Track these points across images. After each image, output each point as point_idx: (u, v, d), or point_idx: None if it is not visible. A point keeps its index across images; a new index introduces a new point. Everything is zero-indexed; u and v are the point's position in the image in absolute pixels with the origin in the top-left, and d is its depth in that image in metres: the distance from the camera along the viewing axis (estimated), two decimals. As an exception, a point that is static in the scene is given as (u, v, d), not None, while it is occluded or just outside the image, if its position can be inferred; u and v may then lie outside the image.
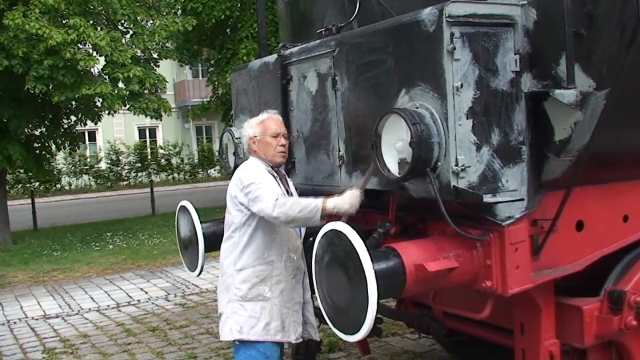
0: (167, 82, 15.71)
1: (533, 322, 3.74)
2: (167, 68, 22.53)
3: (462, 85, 3.17)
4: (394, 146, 3.36)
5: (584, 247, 3.71)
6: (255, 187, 3.77)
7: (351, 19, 4.33)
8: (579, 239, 3.69)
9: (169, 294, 9.23)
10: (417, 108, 3.28)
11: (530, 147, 3.40)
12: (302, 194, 4.15)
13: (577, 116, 3.28)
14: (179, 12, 17.65)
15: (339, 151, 3.99)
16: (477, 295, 3.58)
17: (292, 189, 4.10)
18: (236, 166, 4.22)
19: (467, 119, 3.20)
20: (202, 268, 4.45)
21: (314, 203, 3.62)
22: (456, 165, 3.18)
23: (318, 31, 4.47)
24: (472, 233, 3.34)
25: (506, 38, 3.31)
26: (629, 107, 3.45)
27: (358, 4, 4.32)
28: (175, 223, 4.72)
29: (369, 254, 3.02)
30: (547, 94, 3.31)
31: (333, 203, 3.63)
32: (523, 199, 3.37)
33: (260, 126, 4.00)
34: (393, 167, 3.41)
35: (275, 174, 3.96)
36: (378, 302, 2.99)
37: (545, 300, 3.71)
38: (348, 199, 3.64)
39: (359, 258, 3.01)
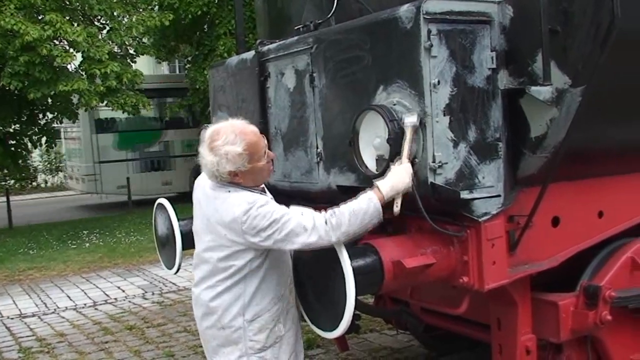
0: (143, 78, 15.61)
1: (510, 318, 3.78)
2: (144, 64, 22.33)
3: (439, 82, 3.19)
4: (372, 143, 3.37)
5: (559, 242, 3.75)
6: (280, 226, 2.99)
7: (329, 16, 4.33)
8: (555, 234, 3.72)
9: (146, 292, 9.18)
10: (394, 105, 3.29)
11: (506, 143, 3.42)
12: (279, 191, 4.14)
13: (553, 113, 3.31)
14: (156, 8, 17.53)
15: (317, 148, 3.99)
16: (454, 291, 3.60)
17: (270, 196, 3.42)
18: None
19: (444, 115, 3.22)
20: (179, 266, 4.43)
21: (371, 203, 3.07)
22: (433, 161, 3.19)
23: (296, 28, 4.47)
24: (449, 229, 3.36)
25: (483, 35, 3.33)
26: (604, 103, 3.49)
27: (336, 1, 4.32)
28: (153, 221, 4.69)
29: (347, 250, 3.02)
30: (523, 91, 3.34)
31: (389, 186, 3.12)
32: (499, 195, 3.39)
33: (243, 157, 3.09)
34: (371, 163, 3.42)
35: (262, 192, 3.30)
36: (356, 299, 2.99)
37: (522, 295, 3.74)
38: (405, 173, 3.14)
39: (337, 255, 3.01)
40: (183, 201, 7.83)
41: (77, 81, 13.36)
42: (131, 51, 16.04)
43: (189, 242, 4.32)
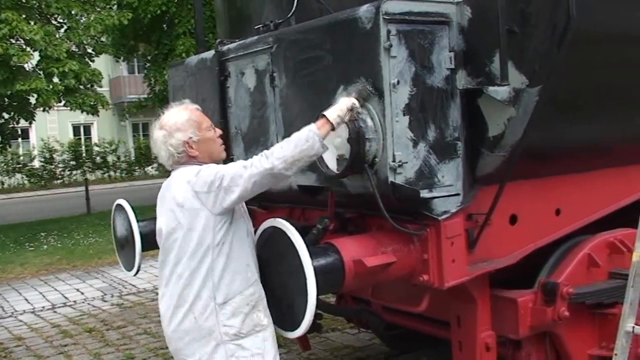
0: (102, 77, 15.44)
1: (469, 315, 3.82)
2: (102, 64, 22.07)
3: (398, 82, 3.21)
4: (333, 143, 3.37)
5: (517, 240, 3.80)
6: (222, 172, 3.06)
7: (289, 16, 4.33)
8: (513, 232, 3.78)
9: (105, 295, 9.08)
10: (360, 115, 3.29)
11: (465, 143, 3.46)
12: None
13: (511, 112, 3.35)
14: (115, 6, 17.34)
15: (278, 148, 3.98)
16: (415, 289, 3.63)
17: None
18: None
19: (404, 115, 3.24)
20: (139, 267, 4.38)
21: (305, 129, 3.07)
22: (393, 161, 3.21)
23: (256, 27, 4.45)
24: (409, 228, 3.38)
25: (441, 36, 3.36)
26: (561, 103, 3.54)
27: (296, 0, 4.32)
28: (111, 222, 4.64)
29: (308, 250, 3.02)
30: (481, 91, 3.38)
31: (331, 110, 3.15)
32: (459, 193, 3.43)
33: (191, 124, 3.21)
34: (331, 163, 3.42)
35: None
36: (317, 298, 3.00)
37: (481, 292, 3.79)
38: (346, 98, 3.21)
39: (298, 254, 3.01)
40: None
41: (34, 80, 13.15)
42: (90, 50, 15.85)
43: (148, 243, 4.29)
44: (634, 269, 3.39)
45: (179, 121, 3.21)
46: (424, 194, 3.29)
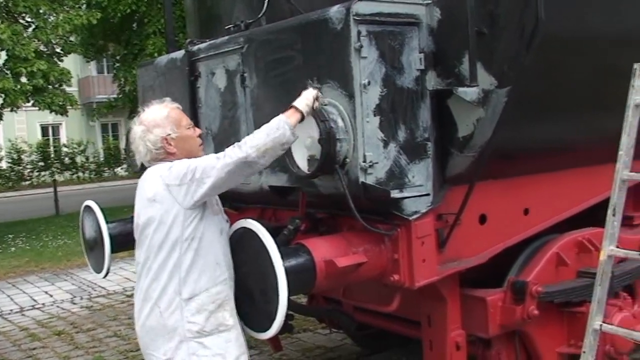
0: (71, 77, 15.28)
1: (439, 314, 3.84)
2: (71, 64, 21.82)
3: (369, 82, 3.22)
4: (303, 143, 3.37)
5: (487, 239, 3.83)
6: (194, 165, 3.05)
7: (259, 16, 4.32)
8: (482, 232, 3.81)
9: (74, 297, 8.98)
10: (325, 105, 3.30)
11: (435, 143, 3.49)
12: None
13: (480, 113, 3.38)
14: (84, 6, 17.16)
15: (249, 148, 3.96)
16: (386, 289, 3.64)
17: None
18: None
19: (374, 116, 3.25)
20: (108, 269, 4.34)
21: (275, 119, 3.11)
22: (364, 161, 3.23)
23: (226, 27, 4.44)
24: (380, 228, 3.39)
25: (411, 37, 3.38)
26: (529, 104, 3.58)
27: (266, 0, 4.31)
28: (80, 223, 4.59)
29: (279, 251, 3.02)
30: (450, 92, 3.40)
31: (299, 100, 3.20)
32: (429, 194, 3.45)
33: (170, 120, 3.24)
34: (302, 164, 3.42)
35: None
36: (289, 299, 2.99)
37: (451, 292, 3.81)
38: (309, 90, 3.26)
39: (269, 255, 3.00)
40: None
41: (2, 80, 12.97)
42: (58, 50, 15.67)
43: (117, 245, 4.26)
44: (602, 267, 3.43)
45: (158, 117, 3.24)
46: (395, 194, 3.30)
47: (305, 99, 3.22)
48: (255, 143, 3.03)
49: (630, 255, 3.64)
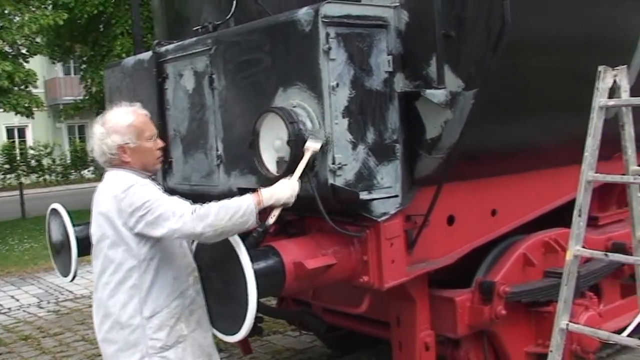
0: (37, 78, 15.08)
1: (408, 315, 3.86)
2: (37, 65, 21.54)
3: (337, 84, 3.23)
4: (272, 145, 3.37)
5: (455, 240, 3.86)
6: (152, 206, 2.96)
7: (228, 17, 4.31)
8: (451, 233, 3.84)
9: (41, 301, 8.86)
10: (294, 107, 3.30)
11: (403, 145, 3.50)
12: (180, 194, 4.07)
13: (447, 115, 3.40)
14: (50, 6, 16.94)
15: (217, 150, 3.96)
16: (355, 290, 3.65)
17: None
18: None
19: (343, 117, 3.26)
20: (75, 273, 4.29)
21: (245, 203, 3.00)
22: (333, 163, 3.23)
23: (194, 29, 4.42)
24: (349, 230, 3.40)
25: (379, 39, 3.39)
26: (496, 106, 3.61)
27: (235, 2, 4.30)
28: (47, 227, 4.53)
29: (248, 253, 3.01)
30: (418, 94, 3.42)
31: (269, 194, 3.08)
32: (397, 195, 3.47)
33: (131, 130, 3.13)
34: (271, 166, 3.42)
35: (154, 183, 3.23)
36: (258, 301, 2.99)
37: (420, 293, 3.84)
38: (289, 188, 3.14)
39: (238, 258, 2.99)
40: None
41: (-35, 81, 12.79)
42: (23, 51, 15.45)
43: (84, 248, 4.20)
44: (568, 267, 3.47)
45: (119, 124, 3.14)
46: (364, 195, 3.31)
47: (278, 196, 3.13)
48: (215, 224, 2.94)
49: (596, 255, 3.69)
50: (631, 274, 4.21)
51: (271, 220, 3.19)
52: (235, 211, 2.97)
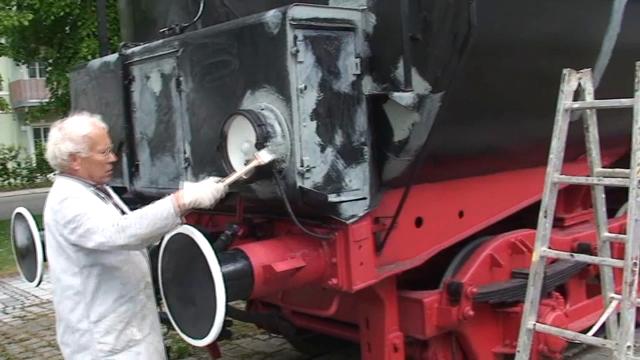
0: (2, 79, 14.87)
1: (377, 316, 3.88)
2: (1, 67, 21.29)
3: (305, 87, 3.23)
4: (240, 147, 3.36)
5: (423, 242, 3.88)
6: (82, 219, 3.01)
7: (195, 19, 4.28)
8: (419, 234, 3.86)
9: (7, 307, 8.74)
10: (262, 109, 3.29)
11: (371, 147, 3.51)
12: (147, 197, 4.04)
13: (415, 118, 3.42)
14: (14, 7, 16.70)
15: (185, 153, 3.93)
16: (324, 293, 3.65)
17: (120, 202, 3.45)
18: None
19: (311, 120, 3.26)
20: (41, 278, 4.23)
21: (163, 207, 2.97)
22: (301, 166, 3.23)
23: (161, 31, 4.39)
24: (317, 232, 3.40)
25: (347, 42, 3.40)
26: (463, 109, 3.64)
27: (202, 4, 4.28)
28: (11, 231, 4.46)
29: (217, 256, 2.99)
30: (386, 97, 3.43)
31: (190, 198, 2.99)
32: (366, 197, 3.48)
33: (86, 140, 3.16)
34: (239, 168, 3.40)
35: (98, 192, 3.26)
36: (227, 305, 2.97)
37: (389, 294, 3.85)
38: (210, 193, 3.03)
39: (206, 261, 2.98)
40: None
41: None
42: (-13, 52, 15.25)
43: (50, 252, 4.14)
44: (534, 268, 3.51)
45: (76, 132, 3.17)
46: (332, 198, 3.32)
47: (199, 197, 3.02)
48: (137, 232, 2.94)
49: (562, 256, 3.74)
50: (597, 274, 4.28)
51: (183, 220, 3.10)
52: (155, 218, 2.96)
